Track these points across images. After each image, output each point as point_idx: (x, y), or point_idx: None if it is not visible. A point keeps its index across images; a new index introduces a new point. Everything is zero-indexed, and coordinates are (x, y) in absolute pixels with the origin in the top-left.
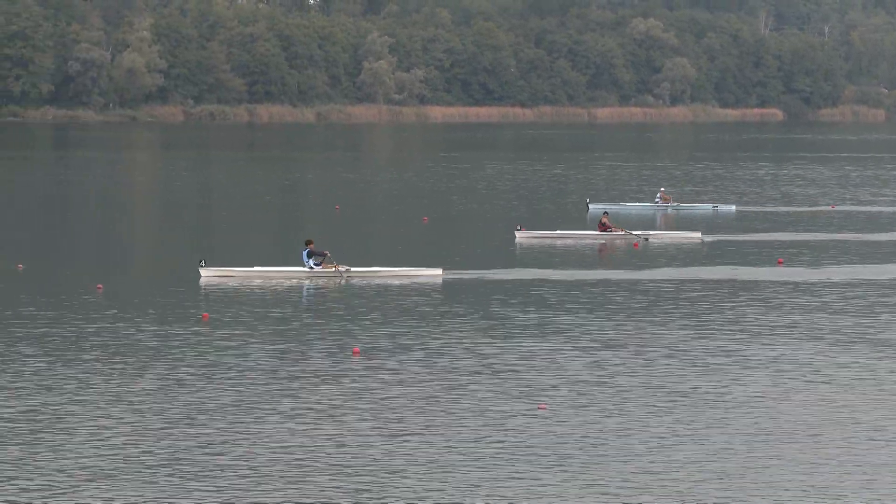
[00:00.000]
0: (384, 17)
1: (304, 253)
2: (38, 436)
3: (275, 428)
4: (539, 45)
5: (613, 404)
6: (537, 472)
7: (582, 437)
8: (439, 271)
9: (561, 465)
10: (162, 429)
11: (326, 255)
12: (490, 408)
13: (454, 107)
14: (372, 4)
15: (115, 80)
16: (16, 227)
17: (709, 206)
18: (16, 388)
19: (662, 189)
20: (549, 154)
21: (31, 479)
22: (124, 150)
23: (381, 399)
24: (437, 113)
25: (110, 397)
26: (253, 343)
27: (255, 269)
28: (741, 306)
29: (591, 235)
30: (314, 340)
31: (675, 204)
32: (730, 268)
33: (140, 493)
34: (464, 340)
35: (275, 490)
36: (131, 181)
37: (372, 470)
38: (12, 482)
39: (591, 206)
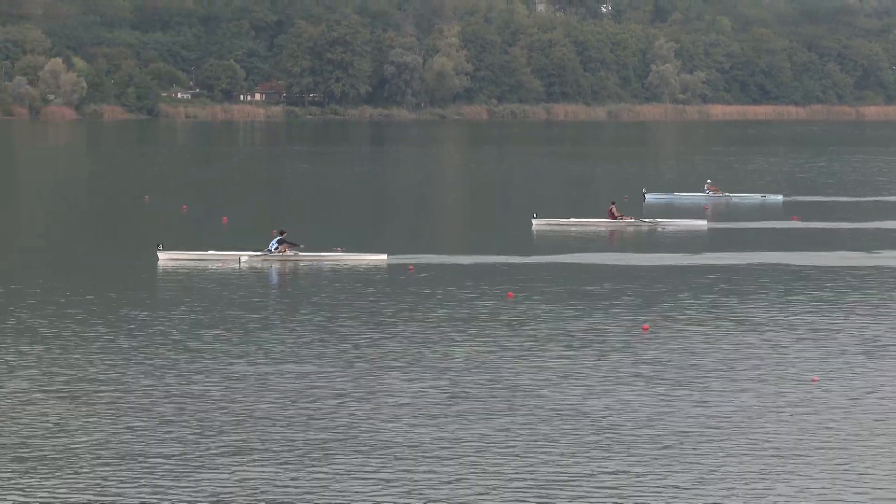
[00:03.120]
0: (670, 24)
1: (275, 240)
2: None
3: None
4: (811, 50)
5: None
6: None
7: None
8: (384, 256)
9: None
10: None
11: (296, 244)
12: (764, 381)
13: (733, 105)
14: (659, 13)
15: (426, 81)
16: (335, 215)
17: (757, 196)
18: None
19: (709, 181)
20: (817, 148)
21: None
22: (434, 145)
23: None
24: (718, 111)
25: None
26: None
27: (210, 252)
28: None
29: (602, 223)
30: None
31: (727, 194)
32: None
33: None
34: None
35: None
36: (439, 173)
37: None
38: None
39: (647, 195)
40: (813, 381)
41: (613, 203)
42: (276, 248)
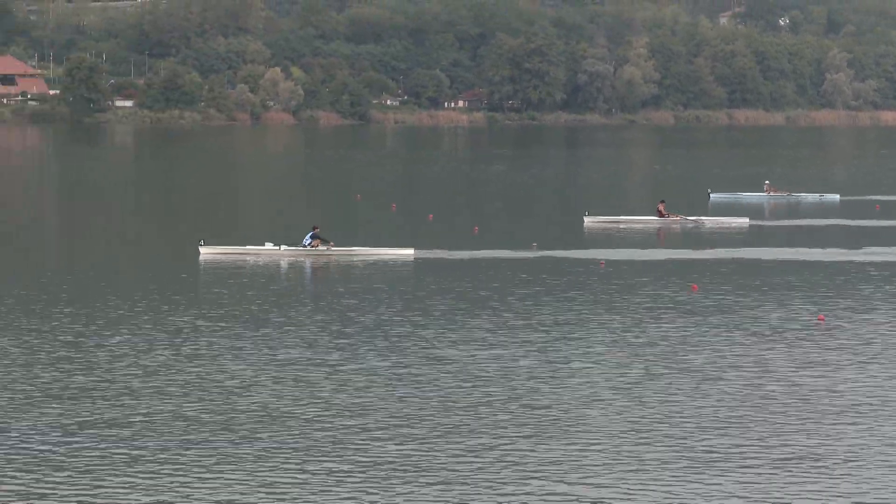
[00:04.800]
0: (843, 36)
1: (309, 235)
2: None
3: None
4: None
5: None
6: None
7: None
8: (411, 251)
9: None
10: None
11: (326, 241)
12: None
13: None
14: (832, 26)
15: (616, 89)
16: (526, 213)
17: (816, 195)
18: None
19: (767, 182)
20: None
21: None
22: (623, 148)
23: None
24: (888, 117)
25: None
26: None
27: (248, 247)
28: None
29: (652, 221)
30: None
31: (786, 193)
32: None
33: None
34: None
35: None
36: (625, 174)
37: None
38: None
39: (711, 195)
40: None
41: (663, 202)
42: (310, 244)
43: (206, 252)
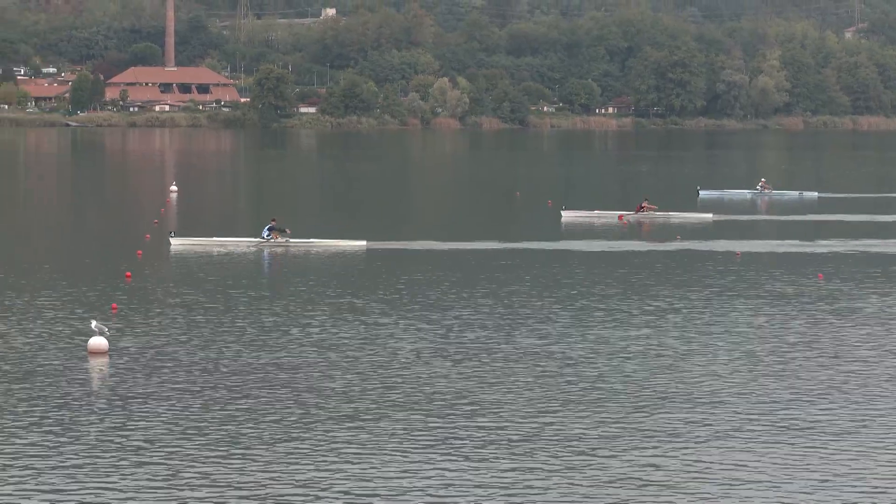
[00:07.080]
0: None
1: (267, 227)
2: None
3: None
4: None
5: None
6: None
7: None
8: (363, 243)
9: None
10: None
11: (277, 228)
12: None
13: None
14: None
15: (751, 97)
16: (671, 208)
17: (795, 192)
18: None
19: (763, 180)
20: None
21: None
22: (756, 150)
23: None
24: None
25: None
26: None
27: (215, 238)
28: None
29: (626, 214)
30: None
31: (770, 190)
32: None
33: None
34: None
35: None
36: (754, 173)
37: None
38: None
39: (700, 192)
40: None
41: (646, 199)
42: (269, 236)
43: (176, 243)
